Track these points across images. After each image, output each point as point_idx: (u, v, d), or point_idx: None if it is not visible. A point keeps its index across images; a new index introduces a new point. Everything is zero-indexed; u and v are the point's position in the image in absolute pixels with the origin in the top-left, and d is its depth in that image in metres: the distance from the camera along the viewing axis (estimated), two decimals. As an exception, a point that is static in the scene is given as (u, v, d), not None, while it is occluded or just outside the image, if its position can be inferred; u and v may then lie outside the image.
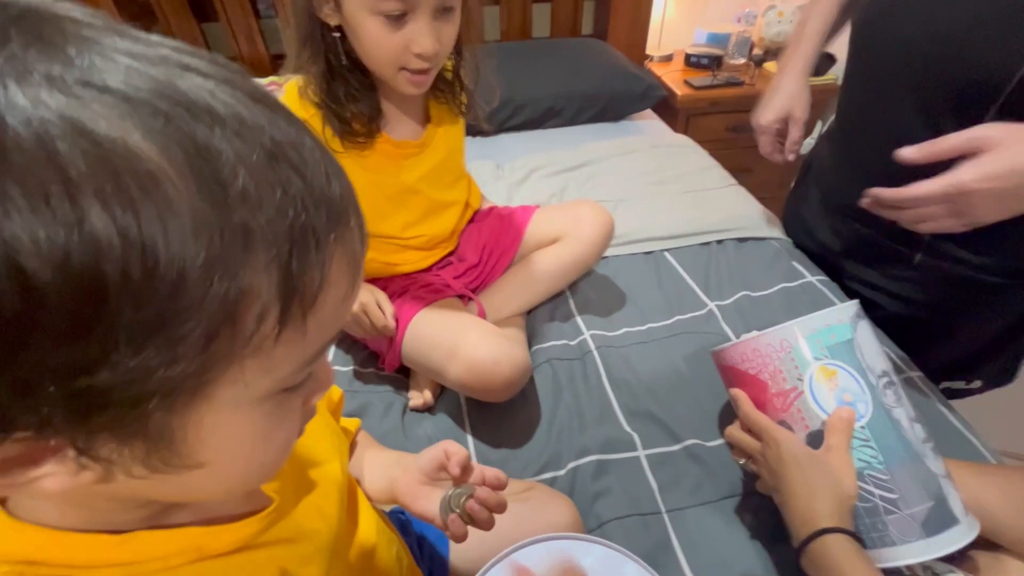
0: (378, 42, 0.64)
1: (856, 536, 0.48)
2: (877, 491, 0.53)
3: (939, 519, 0.52)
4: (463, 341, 0.76)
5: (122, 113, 0.17)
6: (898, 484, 0.53)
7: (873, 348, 0.58)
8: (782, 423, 0.57)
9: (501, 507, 0.45)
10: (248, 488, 0.30)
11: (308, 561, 0.36)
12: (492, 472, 0.47)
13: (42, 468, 0.20)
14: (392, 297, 0.85)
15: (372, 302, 0.80)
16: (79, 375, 0.18)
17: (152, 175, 0.17)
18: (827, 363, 0.56)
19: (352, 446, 0.55)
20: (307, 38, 0.66)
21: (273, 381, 0.23)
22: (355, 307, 0.79)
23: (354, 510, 0.46)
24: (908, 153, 0.63)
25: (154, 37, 0.20)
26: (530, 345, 0.94)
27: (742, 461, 0.61)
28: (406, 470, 0.49)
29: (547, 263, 0.95)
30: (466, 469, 0.46)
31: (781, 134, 0.97)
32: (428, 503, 0.47)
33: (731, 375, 0.63)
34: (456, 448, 0.47)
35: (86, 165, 0.16)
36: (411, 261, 0.90)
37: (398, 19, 0.62)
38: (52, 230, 0.16)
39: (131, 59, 0.18)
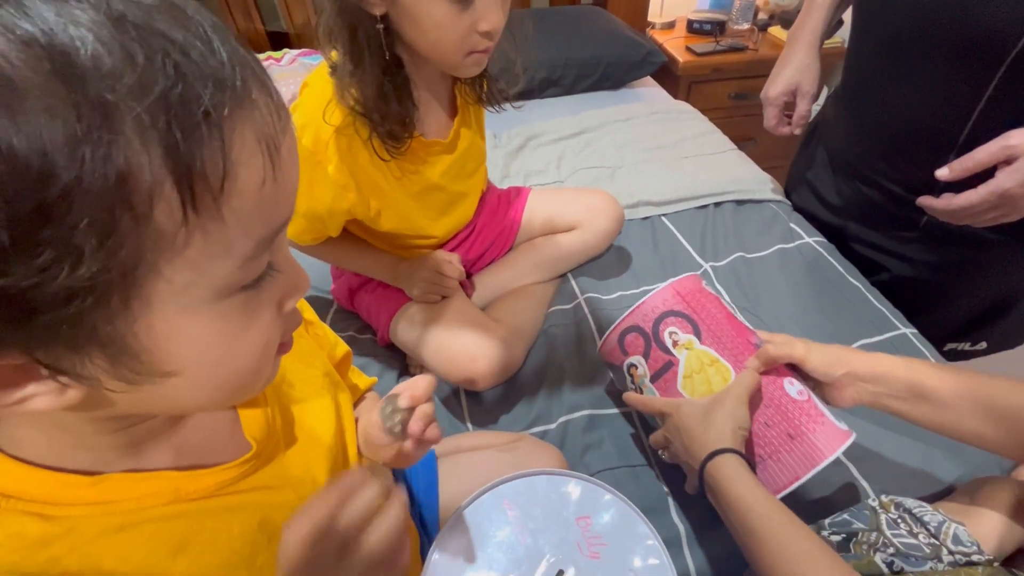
0: (446, 27, 0.57)
1: (745, 457, 0.52)
2: None
3: None
4: (445, 335, 0.78)
5: None
6: None
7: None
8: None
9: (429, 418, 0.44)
10: (235, 397, 0.29)
11: (291, 510, 0.36)
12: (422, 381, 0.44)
13: (24, 389, 0.21)
14: (380, 285, 0.86)
15: (437, 269, 0.80)
16: None
17: None
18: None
19: (361, 401, 0.56)
20: (357, 34, 0.58)
21: (212, 279, 0.22)
22: (426, 275, 0.79)
23: (354, 462, 0.46)
24: (944, 173, 0.69)
25: None
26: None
27: (661, 452, 0.65)
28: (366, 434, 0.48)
29: (560, 250, 0.97)
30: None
31: (788, 107, 0.96)
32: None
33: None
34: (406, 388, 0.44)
35: None
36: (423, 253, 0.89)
37: None
38: None
39: None
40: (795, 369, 0.61)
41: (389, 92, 0.62)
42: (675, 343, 0.62)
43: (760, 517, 0.46)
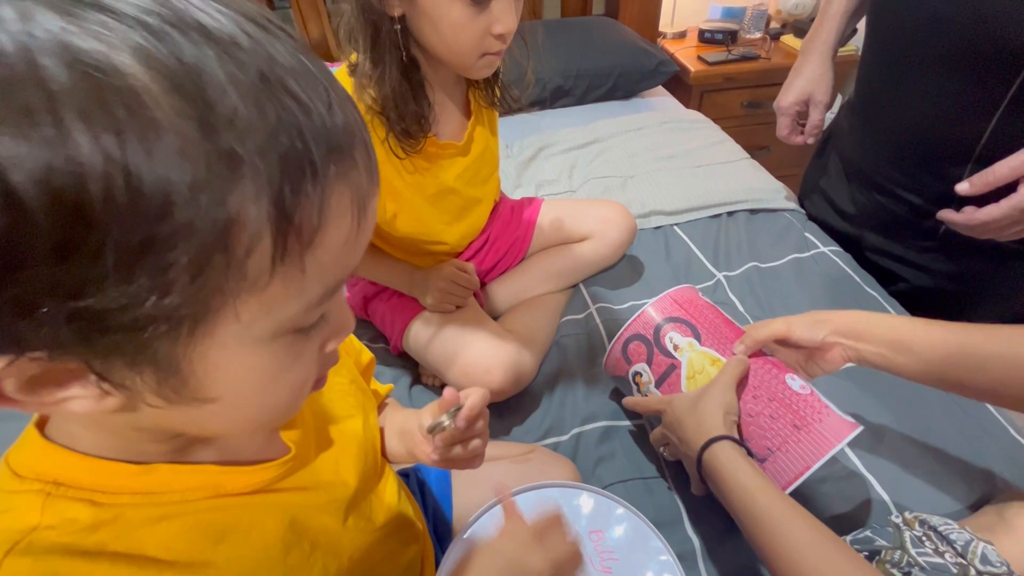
0: (462, 28, 0.58)
1: (739, 442, 0.53)
2: None
3: None
4: (459, 346, 0.78)
5: (114, 31, 0.17)
6: None
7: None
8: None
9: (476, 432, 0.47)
10: (262, 428, 0.30)
11: (321, 511, 0.37)
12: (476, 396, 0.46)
13: (68, 390, 0.21)
14: (395, 294, 0.87)
15: (452, 279, 0.80)
16: (72, 297, 0.18)
17: (136, 94, 0.17)
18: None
19: (381, 407, 0.56)
20: (378, 33, 0.60)
21: (276, 320, 0.23)
22: (441, 284, 0.80)
23: (380, 468, 0.47)
24: (965, 188, 0.68)
25: None
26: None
27: (661, 450, 0.66)
28: (413, 432, 0.50)
29: (572, 261, 0.97)
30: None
31: (802, 116, 0.96)
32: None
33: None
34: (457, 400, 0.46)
35: (69, 82, 0.16)
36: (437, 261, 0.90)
37: (484, 0, 0.58)
38: (35, 147, 0.16)
39: None
40: (783, 344, 0.61)
41: (406, 91, 0.64)
42: (676, 347, 0.65)
43: (762, 503, 0.47)
